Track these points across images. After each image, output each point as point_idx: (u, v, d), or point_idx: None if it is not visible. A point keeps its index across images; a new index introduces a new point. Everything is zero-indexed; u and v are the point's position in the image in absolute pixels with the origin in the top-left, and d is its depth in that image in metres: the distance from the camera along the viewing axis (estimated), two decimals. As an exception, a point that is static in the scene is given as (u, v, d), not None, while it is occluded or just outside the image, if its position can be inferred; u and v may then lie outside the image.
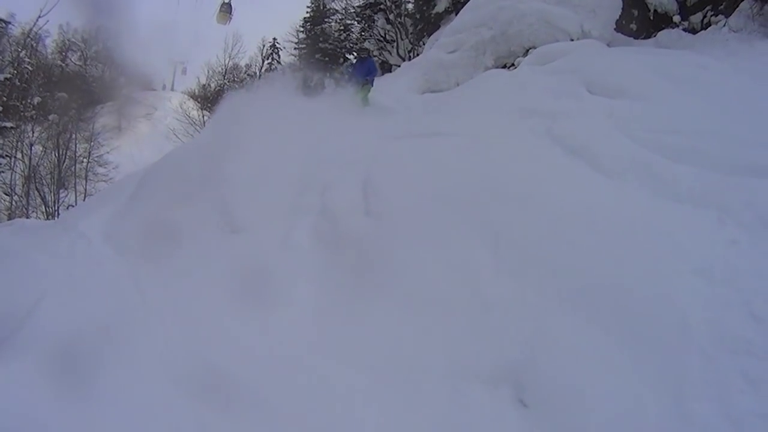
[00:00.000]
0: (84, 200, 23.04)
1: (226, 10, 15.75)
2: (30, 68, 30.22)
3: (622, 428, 3.08)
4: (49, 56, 41.78)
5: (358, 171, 6.21)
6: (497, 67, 11.16)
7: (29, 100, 28.11)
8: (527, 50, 10.90)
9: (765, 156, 5.02)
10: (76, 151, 28.03)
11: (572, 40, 10.84)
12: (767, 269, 3.70)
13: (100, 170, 28.32)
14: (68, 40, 45.85)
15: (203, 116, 23.45)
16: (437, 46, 12.82)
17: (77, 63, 44.93)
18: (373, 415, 3.66)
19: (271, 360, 4.16)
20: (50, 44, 43.87)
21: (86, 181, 27.66)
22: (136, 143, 31.82)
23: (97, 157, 28.75)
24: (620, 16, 12.32)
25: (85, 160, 28.28)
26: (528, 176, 4.90)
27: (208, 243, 6.09)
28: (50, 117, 27.35)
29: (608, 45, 11.18)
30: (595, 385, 3.31)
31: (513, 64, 10.93)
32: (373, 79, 11.26)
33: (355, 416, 3.71)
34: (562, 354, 3.54)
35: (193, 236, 6.28)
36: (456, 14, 14.16)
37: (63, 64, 42.85)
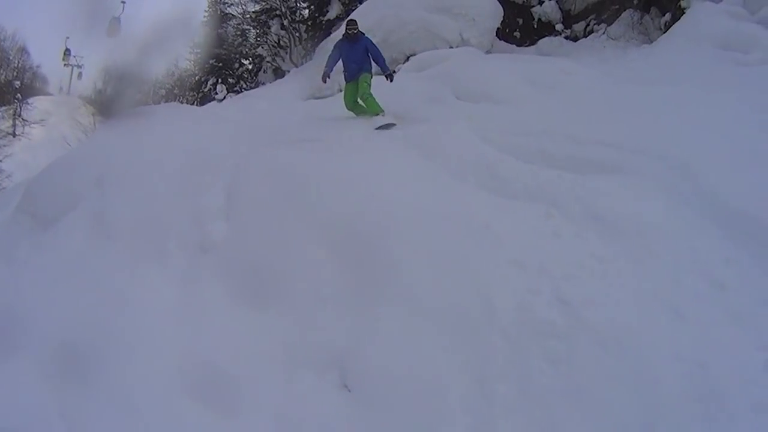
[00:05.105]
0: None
1: (115, 24, 16.42)
2: None
3: (425, 409, 3.30)
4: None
5: (225, 177, 6.23)
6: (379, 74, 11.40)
7: None
8: (408, 57, 11.27)
9: (601, 153, 5.46)
10: (-34, 159, 26.07)
11: (451, 47, 11.28)
12: (583, 257, 4.01)
13: (-8, 180, 26.38)
14: (-38, 41, 42.65)
15: (96, 122, 22.42)
16: (324, 53, 12.91)
17: (-29, 65, 41.83)
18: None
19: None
20: (-57, 44, 40.54)
21: (-23, 191, 25.67)
22: (31, 150, 29.96)
23: (-12, 165, 26.81)
24: (504, 25, 12.88)
25: (-24, 168, 26.33)
26: (371, 176, 5.07)
27: (81, 250, 5.93)
28: (-60, 122, 25.29)
29: (488, 52, 11.69)
30: (409, 370, 3.53)
31: (394, 71, 11.20)
32: (384, 65, 7.88)
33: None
34: (383, 343, 3.76)
35: (68, 246, 6.09)
36: (346, 21, 14.29)
37: (-44, 65, 39.81)
